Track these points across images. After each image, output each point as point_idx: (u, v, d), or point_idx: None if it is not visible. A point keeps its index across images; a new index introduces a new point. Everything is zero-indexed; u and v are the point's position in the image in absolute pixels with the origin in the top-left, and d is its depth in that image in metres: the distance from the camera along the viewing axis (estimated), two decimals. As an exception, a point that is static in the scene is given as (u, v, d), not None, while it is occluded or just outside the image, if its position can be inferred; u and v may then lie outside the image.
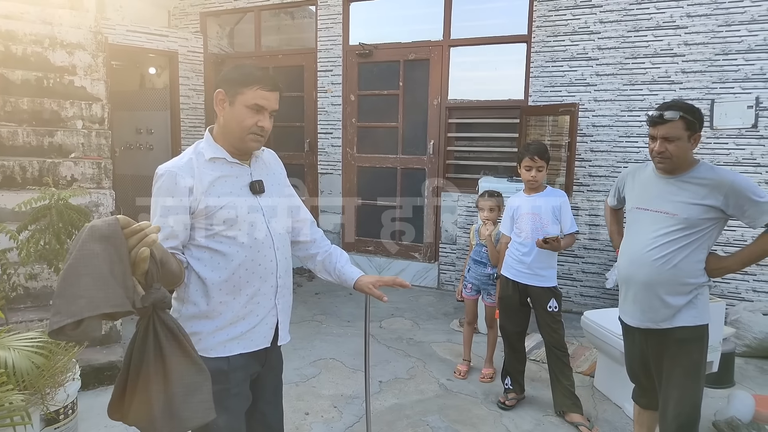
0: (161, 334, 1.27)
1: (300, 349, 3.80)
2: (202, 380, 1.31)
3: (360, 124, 5.68)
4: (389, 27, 5.56)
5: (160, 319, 1.27)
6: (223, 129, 1.60)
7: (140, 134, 6.39)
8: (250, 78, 1.55)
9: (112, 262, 1.15)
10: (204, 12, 6.25)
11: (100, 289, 1.11)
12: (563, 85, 4.65)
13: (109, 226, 1.17)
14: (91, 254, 1.13)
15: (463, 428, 2.86)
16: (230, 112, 1.57)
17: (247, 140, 1.58)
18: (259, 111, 1.56)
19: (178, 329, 1.30)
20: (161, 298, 1.26)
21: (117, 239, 1.17)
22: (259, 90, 1.55)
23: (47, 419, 2.34)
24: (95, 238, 1.15)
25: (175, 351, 1.28)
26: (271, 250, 1.62)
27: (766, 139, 4.06)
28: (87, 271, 1.12)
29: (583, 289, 4.74)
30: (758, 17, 4.01)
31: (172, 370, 1.26)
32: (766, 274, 4.13)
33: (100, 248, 1.14)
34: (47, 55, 4.33)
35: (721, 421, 2.75)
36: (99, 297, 1.11)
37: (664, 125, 2.01)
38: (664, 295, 2.06)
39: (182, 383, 1.27)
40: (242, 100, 1.55)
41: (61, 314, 1.09)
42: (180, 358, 1.28)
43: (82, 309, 1.09)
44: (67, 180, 3.91)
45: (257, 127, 1.57)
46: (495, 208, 3.38)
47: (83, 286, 1.11)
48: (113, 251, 1.15)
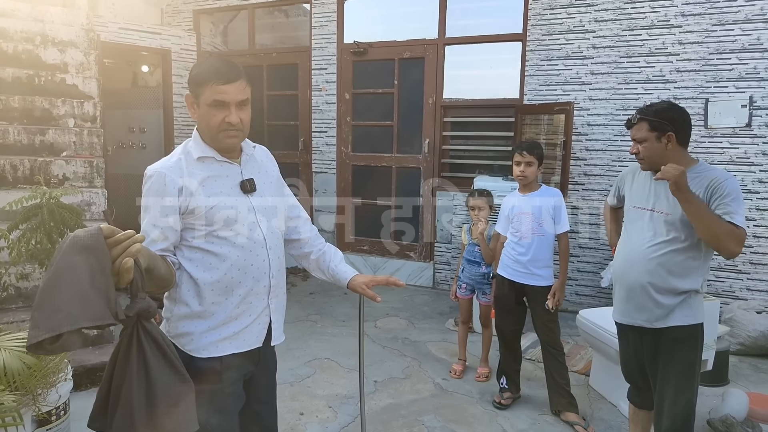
0: (145, 344, 1.24)
1: (294, 349, 3.78)
2: (186, 391, 1.29)
3: (355, 122, 5.66)
4: (384, 25, 5.54)
5: (145, 329, 1.25)
6: (200, 131, 1.58)
7: (133, 133, 6.35)
8: (203, 75, 1.50)
9: (93, 274, 1.12)
10: (197, 10, 6.21)
11: (79, 303, 1.09)
12: (558, 83, 4.65)
13: (92, 236, 1.14)
14: (71, 266, 1.10)
15: (459, 428, 2.85)
16: (200, 114, 1.54)
17: (220, 138, 1.53)
18: (222, 106, 1.49)
19: (162, 339, 1.28)
20: (146, 308, 1.23)
21: (99, 250, 1.14)
22: (215, 85, 1.48)
23: (39, 420, 2.31)
24: (76, 249, 1.12)
25: (159, 361, 1.26)
26: (263, 250, 1.60)
27: (760, 138, 4.08)
28: (66, 284, 1.09)
29: (579, 288, 4.75)
30: (752, 16, 4.02)
31: (155, 381, 1.23)
32: (760, 273, 4.15)
33: (82, 259, 1.11)
34: (38, 53, 4.29)
35: (715, 419, 2.76)
36: (78, 311, 1.08)
37: (632, 129, 2.14)
38: (657, 294, 2.06)
39: (165, 394, 1.24)
40: (204, 100, 1.50)
41: (39, 328, 1.06)
42: (164, 369, 1.26)
43: (61, 323, 1.06)
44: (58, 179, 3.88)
45: (225, 123, 1.50)
46: (485, 206, 3.38)
47: (62, 299, 1.08)
48: (95, 262, 1.12)
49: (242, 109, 1.53)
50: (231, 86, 1.49)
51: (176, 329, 1.55)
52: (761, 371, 3.59)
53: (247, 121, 1.56)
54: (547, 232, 2.92)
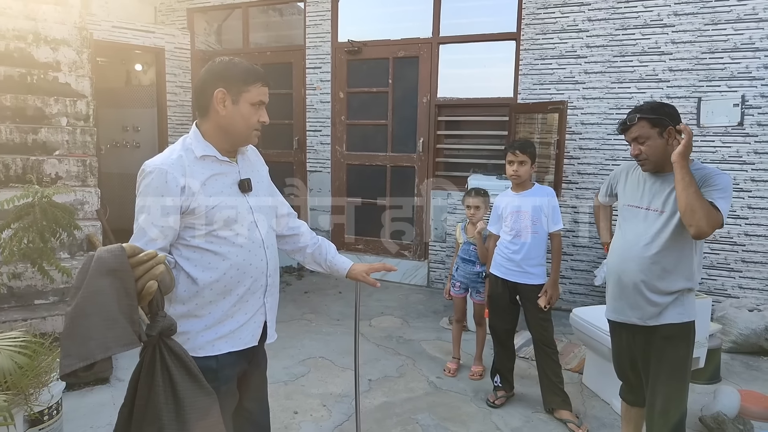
0: (169, 360, 1.24)
1: (289, 347, 3.78)
2: (212, 401, 1.30)
3: (349, 121, 5.66)
4: (378, 24, 5.54)
5: (167, 346, 1.25)
6: (224, 128, 1.56)
7: (127, 132, 6.33)
8: (253, 75, 1.55)
9: (119, 297, 1.12)
10: (191, 8, 6.19)
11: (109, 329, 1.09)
12: (552, 82, 4.67)
13: (116, 258, 1.14)
14: (98, 291, 1.10)
15: (453, 426, 2.86)
16: (234, 111, 1.54)
17: (251, 136, 1.61)
18: (261, 107, 1.59)
19: (184, 354, 1.29)
20: (168, 326, 1.24)
21: (124, 272, 1.14)
22: (262, 86, 1.57)
23: (31, 420, 2.30)
24: (102, 272, 1.12)
25: (184, 377, 1.26)
26: (261, 249, 1.61)
27: (752, 137, 4.10)
28: (95, 309, 1.09)
29: (572, 287, 4.76)
30: (744, 16, 4.05)
31: (184, 397, 1.24)
32: (752, 271, 4.18)
33: (107, 283, 1.11)
34: (31, 51, 4.27)
35: (707, 417, 2.78)
36: (109, 337, 1.09)
37: (630, 129, 2.10)
38: (650, 293, 2.07)
39: (195, 407, 1.25)
40: (247, 98, 1.55)
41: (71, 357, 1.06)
42: (189, 384, 1.27)
43: (93, 351, 1.07)
44: (51, 177, 3.86)
45: (259, 122, 1.59)
46: (481, 206, 3.38)
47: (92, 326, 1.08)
48: (120, 285, 1.13)
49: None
50: (267, 89, 1.61)
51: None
52: (752, 369, 3.62)
53: None
54: (540, 230, 2.93)
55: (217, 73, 1.55)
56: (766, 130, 4.06)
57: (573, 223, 4.68)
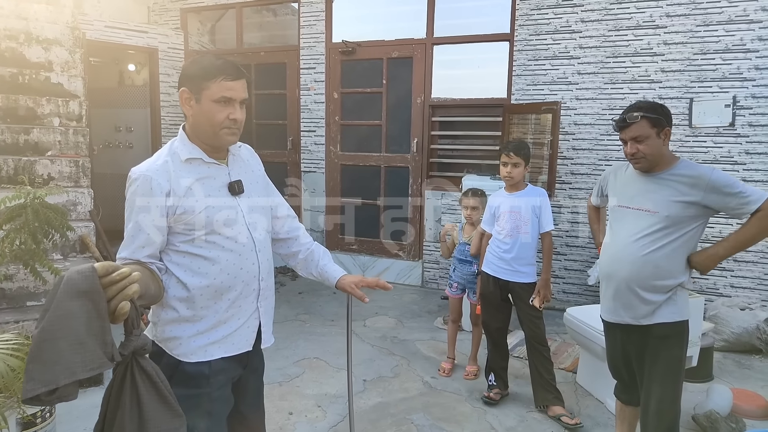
0: (138, 380, 1.22)
1: (283, 348, 3.77)
2: (179, 425, 1.28)
3: (343, 122, 5.66)
4: (372, 24, 5.54)
5: (139, 366, 1.23)
6: (195, 128, 1.53)
7: (119, 132, 6.30)
8: (212, 70, 1.47)
9: (90, 319, 1.09)
10: (184, 8, 6.17)
11: (76, 353, 1.06)
12: (545, 83, 4.69)
13: (86, 279, 1.11)
14: (67, 315, 1.07)
15: (448, 426, 2.86)
16: (198, 110, 1.50)
17: (221, 135, 1.51)
18: (228, 103, 1.49)
19: (156, 375, 1.26)
20: (141, 346, 1.22)
21: (95, 293, 1.11)
22: (224, 81, 1.47)
23: (24, 423, 2.29)
24: (72, 295, 1.09)
25: (153, 397, 1.24)
26: (252, 253, 1.58)
27: (744, 138, 4.14)
28: (63, 333, 1.06)
29: (566, 286, 4.78)
30: (735, 17, 4.08)
31: (148, 418, 1.22)
32: (744, 270, 4.21)
33: (77, 306, 1.08)
34: (22, 51, 4.23)
35: (700, 415, 2.80)
36: (75, 362, 1.06)
37: (630, 128, 2.06)
38: (644, 292, 2.08)
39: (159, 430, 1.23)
40: (208, 95, 1.47)
41: (34, 381, 1.04)
42: (156, 405, 1.24)
43: (57, 376, 1.04)
44: (43, 178, 3.84)
45: (229, 120, 1.49)
46: (479, 206, 3.40)
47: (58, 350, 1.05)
48: (91, 307, 1.10)
49: (242, 108, 1.54)
50: (239, 83, 1.50)
51: (163, 333, 1.52)
52: (744, 367, 3.64)
53: (243, 121, 1.55)
54: (531, 230, 2.97)
55: (182, 72, 1.53)
56: (758, 131, 4.10)
57: (566, 223, 4.70)
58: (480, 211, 3.39)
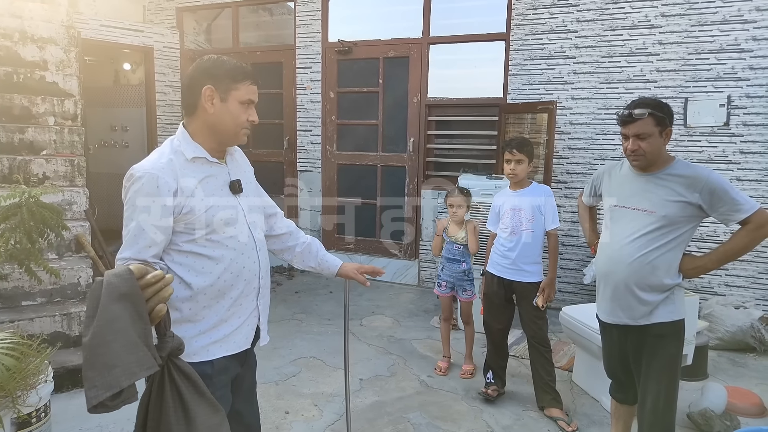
0: (178, 380, 1.23)
1: (280, 347, 3.77)
2: (221, 419, 1.30)
3: (339, 121, 5.66)
4: (369, 24, 5.54)
5: (176, 366, 1.24)
6: (212, 126, 1.53)
7: (115, 131, 6.28)
8: (242, 73, 1.54)
9: (134, 321, 1.10)
10: (180, 7, 6.15)
11: (131, 354, 1.08)
12: (541, 83, 4.70)
13: (126, 282, 1.12)
14: (113, 318, 1.08)
15: (444, 424, 2.87)
16: (223, 109, 1.52)
17: (240, 135, 1.59)
18: (250, 105, 1.57)
19: (192, 373, 1.27)
20: (177, 346, 1.23)
21: (135, 296, 1.12)
22: (251, 85, 1.56)
23: (19, 422, 2.27)
24: (113, 298, 1.09)
25: (194, 395, 1.25)
26: (253, 251, 1.60)
27: (738, 137, 4.16)
28: (114, 336, 1.07)
29: (562, 285, 4.80)
30: (729, 17, 4.10)
31: (195, 416, 1.22)
32: (738, 269, 4.23)
33: (120, 308, 1.09)
34: (17, 50, 4.21)
35: (695, 413, 2.81)
36: (132, 362, 1.07)
37: (635, 123, 2.03)
38: (641, 292, 2.08)
39: (206, 426, 1.24)
40: (236, 96, 1.53)
41: (97, 388, 1.05)
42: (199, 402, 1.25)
43: (119, 379, 1.05)
44: (38, 177, 3.82)
45: (248, 121, 1.57)
46: (463, 204, 3.40)
47: (114, 353, 1.06)
48: (132, 309, 1.11)
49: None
50: (256, 88, 1.60)
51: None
52: (739, 365, 3.66)
53: None
54: (536, 228, 2.94)
55: (206, 70, 1.52)
56: (752, 130, 4.12)
57: (562, 223, 4.70)
58: (464, 209, 3.40)
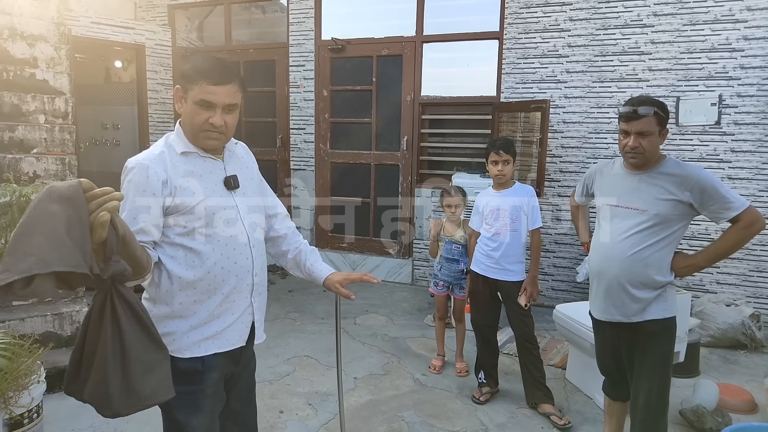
0: (119, 308, 1.21)
1: (274, 346, 3.76)
2: (162, 357, 1.27)
3: (333, 119, 5.64)
4: (362, 22, 5.52)
5: (119, 293, 1.22)
6: (183, 126, 1.54)
7: (106, 129, 6.22)
8: (195, 72, 1.46)
9: (70, 224, 1.09)
10: (172, 4, 6.11)
11: (53, 248, 1.06)
12: (534, 81, 4.71)
13: (70, 188, 1.12)
14: (46, 213, 1.08)
15: (438, 422, 2.87)
16: (185, 109, 1.50)
17: (200, 138, 1.51)
18: (209, 107, 1.46)
19: (137, 304, 1.25)
20: (121, 271, 1.20)
21: (77, 201, 1.12)
22: (204, 84, 1.44)
23: (11, 423, 2.26)
24: (54, 199, 1.10)
25: (134, 327, 1.23)
26: (247, 248, 1.59)
27: (729, 136, 4.19)
28: (41, 229, 1.07)
29: (555, 283, 4.82)
30: (721, 17, 4.13)
31: (130, 347, 1.20)
32: (729, 266, 4.27)
33: (58, 208, 1.09)
34: (6, 47, 4.16)
35: (687, 410, 2.83)
36: (52, 255, 1.06)
37: (639, 121, 2.01)
38: (634, 290, 2.09)
39: (140, 360, 1.21)
40: (191, 97, 1.47)
41: (9, 271, 1.04)
42: (139, 335, 1.23)
43: (32, 266, 1.04)
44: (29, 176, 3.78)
45: (208, 124, 1.47)
46: (461, 204, 3.42)
47: (35, 244, 1.06)
48: (72, 213, 1.10)
49: (229, 113, 1.50)
50: (221, 88, 1.46)
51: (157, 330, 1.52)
52: (730, 362, 3.70)
53: (231, 125, 1.53)
54: (519, 228, 2.98)
55: (182, 69, 1.54)
56: (743, 129, 4.16)
57: (555, 221, 4.73)
58: (461, 209, 3.42)
